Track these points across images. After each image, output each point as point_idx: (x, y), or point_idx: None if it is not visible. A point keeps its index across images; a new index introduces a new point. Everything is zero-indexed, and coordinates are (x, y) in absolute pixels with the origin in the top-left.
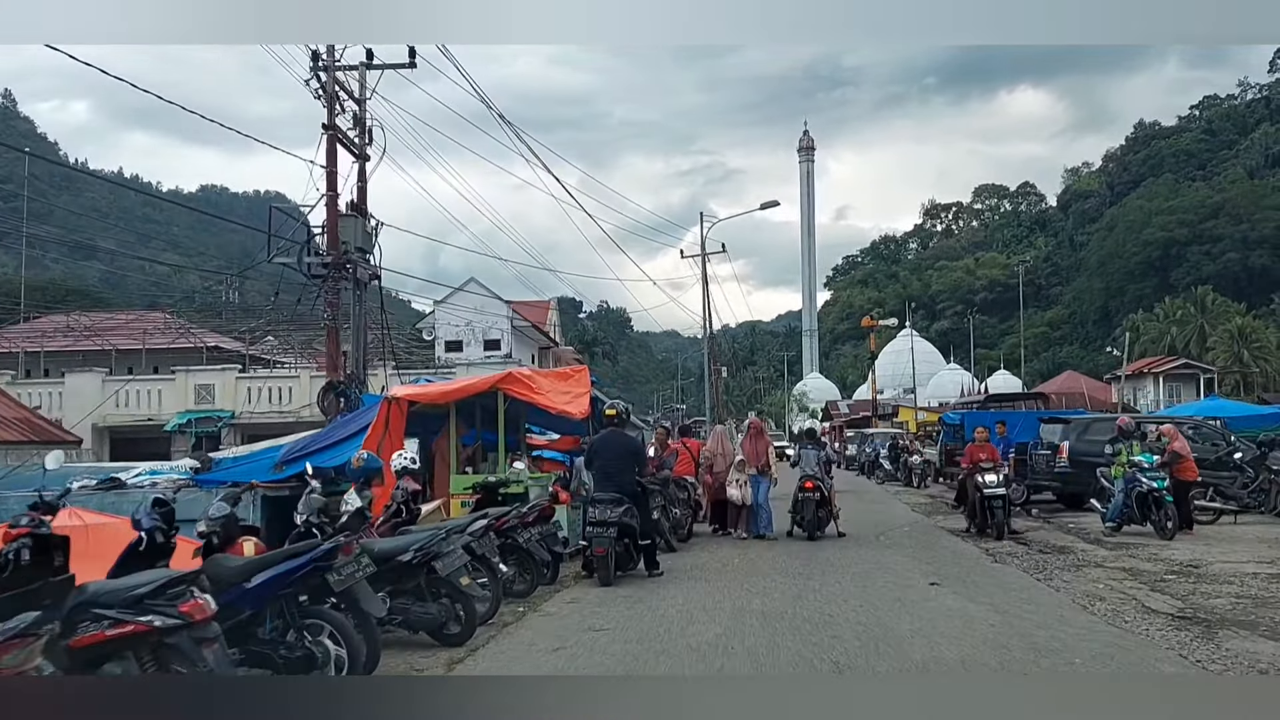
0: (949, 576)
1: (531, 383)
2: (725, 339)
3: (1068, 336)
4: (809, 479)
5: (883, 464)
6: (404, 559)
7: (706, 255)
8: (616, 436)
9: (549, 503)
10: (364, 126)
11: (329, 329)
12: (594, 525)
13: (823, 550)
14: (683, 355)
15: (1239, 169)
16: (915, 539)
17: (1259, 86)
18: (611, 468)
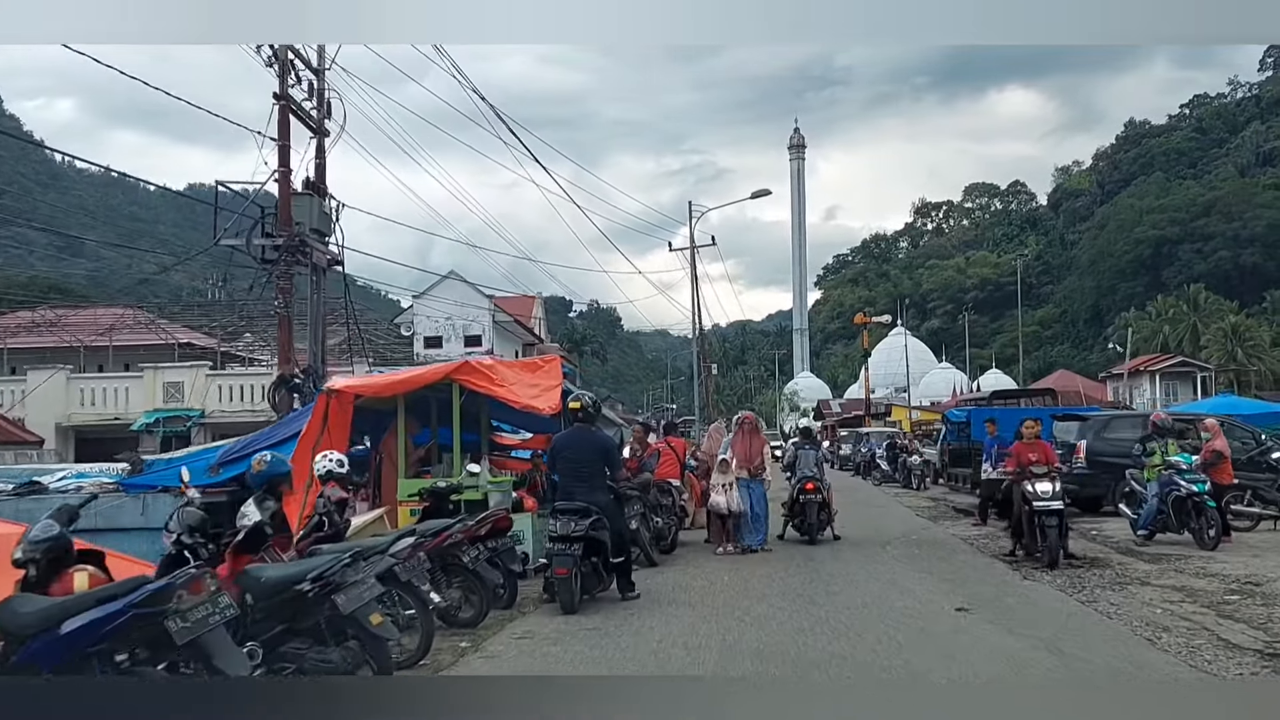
0: (976, 599)
1: (491, 373)
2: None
3: (1059, 335)
4: (810, 480)
5: (879, 464)
6: (301, 589)
7: (696, 248)
8: (583, 434)
9: (506, 512)
10: (322, 99)
11: (281, 318)
12: (555, 541)
13: (825, 565)
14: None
15: (1230, 167)
16: (926, 549)
17: (1249, 85)
18: (578, 471)
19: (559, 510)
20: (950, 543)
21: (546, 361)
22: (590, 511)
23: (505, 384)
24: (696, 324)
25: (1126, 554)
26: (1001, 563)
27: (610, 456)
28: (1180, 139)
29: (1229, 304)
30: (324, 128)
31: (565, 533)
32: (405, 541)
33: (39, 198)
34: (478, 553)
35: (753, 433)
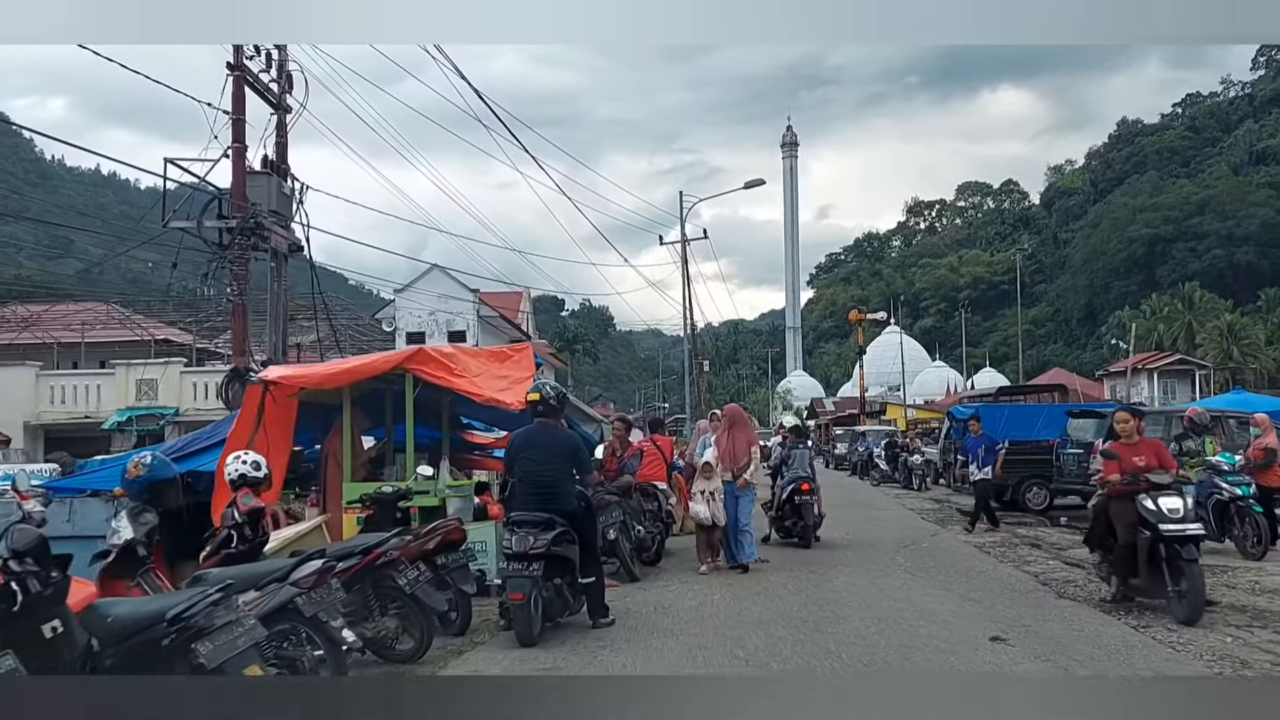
0: (1013, 626)
1: (451, 362)
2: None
3: (1052, 334)
4: (804, 480)
5: (878, 464)
6: (155, 634)
7: (687, 241)
8: (545, 432)
9: (458, 523)
10: (283, 71)
11: (235, 307)
12: (510, 559)
13: (829, 579)
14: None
15: (1223, 166)
16: (940, 560)
17: (1242, 84)
18: (539, 475)
19: (515, 523)
20: (964, 551)
21: (516, 351)
22: (553, 523)
23: (467, 375)
24: (687, 318)
25: None
26: (1028, 577)
27: (578, 456)
28: (1173, 137)
29: (1224, 303)
30: (284, 103)
31: (522, 549)
32: (311, 566)
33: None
34: (418, 573)
35: (739, 428)
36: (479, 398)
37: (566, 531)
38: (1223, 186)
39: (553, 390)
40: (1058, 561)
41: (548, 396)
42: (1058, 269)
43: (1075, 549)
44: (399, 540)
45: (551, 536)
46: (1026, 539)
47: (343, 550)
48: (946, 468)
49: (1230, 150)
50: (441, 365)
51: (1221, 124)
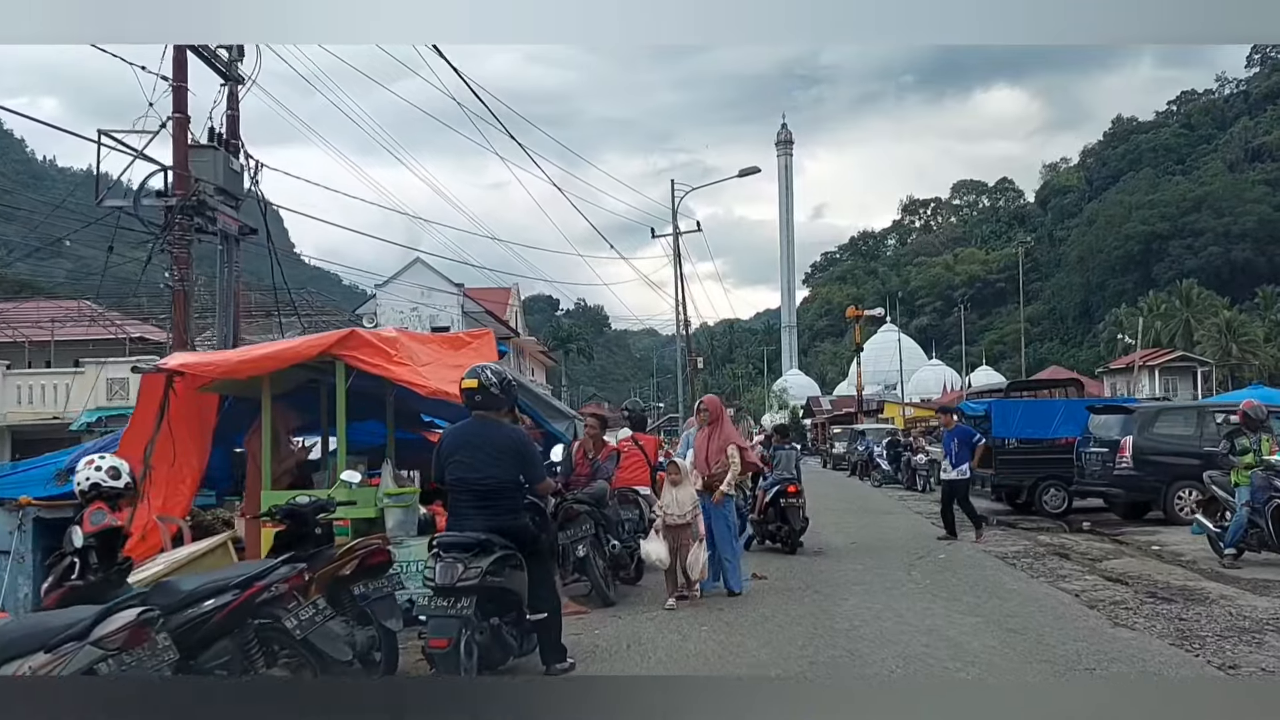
0: (1066, 663)
1: (390, 348)
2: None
3: (1047, 333)
4: (790, 482)
5: (879, 464)
6: None
7: (680, 234)
8: (485, 429)
9: (380, 542)
10: None
11: (176, 293)
12: (435, 593)
13: (836, 603)
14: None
15: (1219, 163)
16: (962, 575)
17: (1237, 82)
18: (475, 483)
19: (441, 546)
20: (987, 565)
21: (475, 337)
22: (490, 546)
23: (411, 363)
24: (680, 312)
25: (1216, 579)
26: (1069, 597)
27: (525, 458)
28: (1169, 135)
29: (1221, 300)
30: (235, 73)
31: (448, 581)
32: (122, 618)
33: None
34: (315, 612)
35: (717, 424)
36: (423, 390)
37: (510, 556)
38: (1218, 183)
39: (495, 377)
40: (1096, 577)
41: (487, 384)
42: (1053, 267)
43: (1111, 559)
44: (288, 569)
45: (488, 563)
46: (1052, 547)
47: (213, 585)
48: None
49: (1226, 147)
50: (378, 351)
51: (1217, 121)
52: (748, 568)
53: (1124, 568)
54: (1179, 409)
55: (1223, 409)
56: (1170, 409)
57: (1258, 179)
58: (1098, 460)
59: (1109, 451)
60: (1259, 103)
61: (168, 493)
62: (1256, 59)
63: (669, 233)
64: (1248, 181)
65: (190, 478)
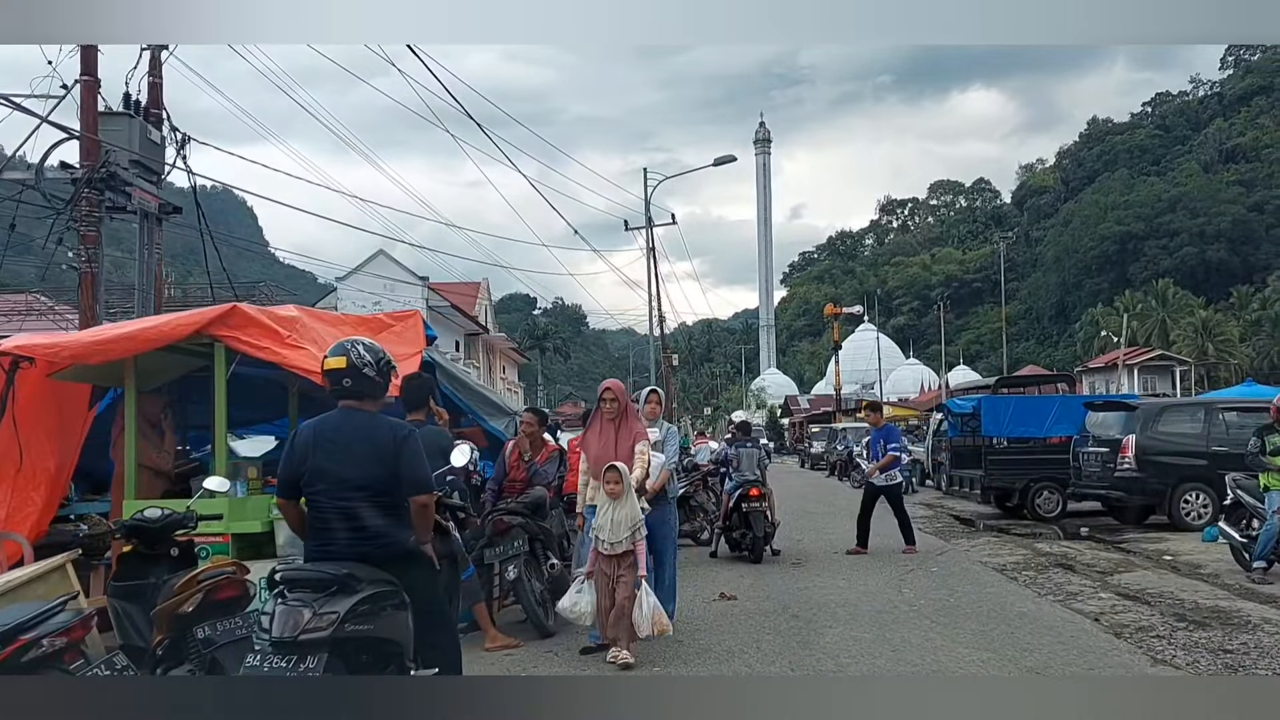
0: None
1: (282, 327)
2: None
3: (1023, 332)
4: (752, 484)
5: (859, 464)
6: None
7: (652, 226)
8: (350, 423)
9: (234, 569)
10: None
11: (83, 275)
12: (273, 648)
13: (820, 634)
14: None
15: (1193, 164)
16: (961, 593)
17: (1210, 83)
18: (338, 495)
19: (285, 582)
20: (986, 579)
21: (400, 319)
22: (353, 582)
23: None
24: (652, 306)
25: (1249, 597)
26: (1087, 621)
27: (404, 461)
28: (1143, 136)
29: (1196, 299)
30: None
31: (286, 633)
32: None
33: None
34: (114, 672)
35: (624, 418)
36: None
37: (386, 593)
38: (1193, 184)
39: (370, 355)
40: (1112, 595)
41: (359, 364)
42: (1029, 267)
43: (1122, 572)
44: (69, 617)
45: (349, 606)
46: (1053, 558)
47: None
48: (936, 468)
49: (1200, 148)
50: (267, 332)
51: (1191, 123)
52: (716, 584)
53: (1139, 583)
54: (1185, 405)
55: (1231, 405)
56: (1175, 405)
57: (1232, 180)
58: (1097, 461)
59: (1109, 451)
60: (1233, 104)
61: (14, 503)
62: (1230, 61)
63: (642, 225)
64: (1222, 182)
65: (46, 484)
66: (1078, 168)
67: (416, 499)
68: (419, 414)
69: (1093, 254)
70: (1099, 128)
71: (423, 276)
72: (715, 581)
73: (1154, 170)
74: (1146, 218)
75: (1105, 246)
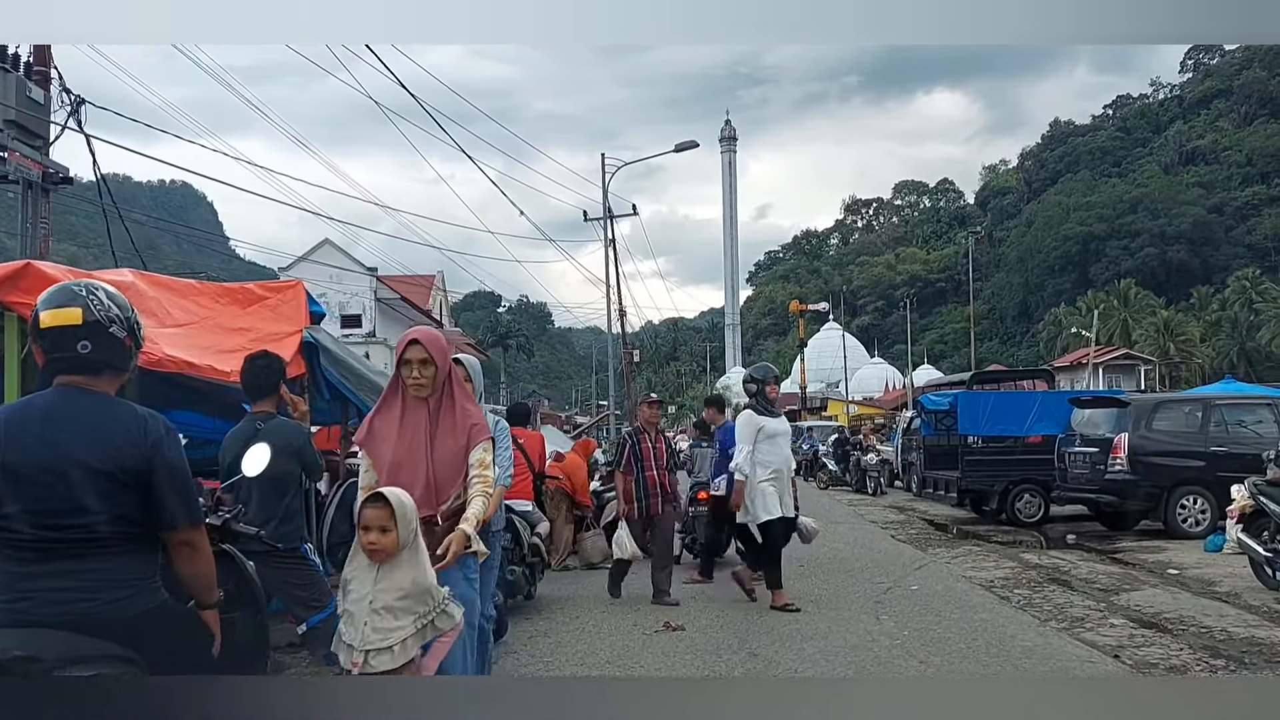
0: None
1: None
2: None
3: (987, 332)
4: (702, 488)
5: (826, 464)
6: None
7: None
8: (73, 407)
9: None
10: None
11: None
12: None
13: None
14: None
15: (1154, 165)
16: (950, 622)
17: (1170, 86)
18: (45, 513)
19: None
20: (978, 602)
21: (277, 289)
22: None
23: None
24: (611, 297)
25: (1273, 618)
26: (1108, 660)
27: (163, 471)
28: (1105, 138)
29: (1158, 300)
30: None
31: None
32: None
33: None
34: None
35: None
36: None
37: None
38: (1154, 186)
39: (115, 308)
40: (1123, 620)
41: (101, 319)
42: (993, 267)
43: (1126, 589)
44: None
45: None
46: (1045, 572)
47: None
48: (906, 468)
49: (1160, 150)
50: None
51: (1152, 125)
52: (660, 609)
53: (1151, 604)
54: (1181, 401)
55: (1230, 401)
56: (1171, 401)
57: (1192, 181)
58: (1084, 462)
59: (1099, 452)
60: (1193, 107)
61: None
62: (1190, 64)
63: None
64: (1182, 184)
65: None
66: (1040, 169)
67: (176, 534)
68: (267, 403)
69: (1055, 254)
70: (1061, 129)
71: (371, 267)
72: (662, 605)
73: (1115, 172)
74: (1108, 219)
75: (1068, 247)
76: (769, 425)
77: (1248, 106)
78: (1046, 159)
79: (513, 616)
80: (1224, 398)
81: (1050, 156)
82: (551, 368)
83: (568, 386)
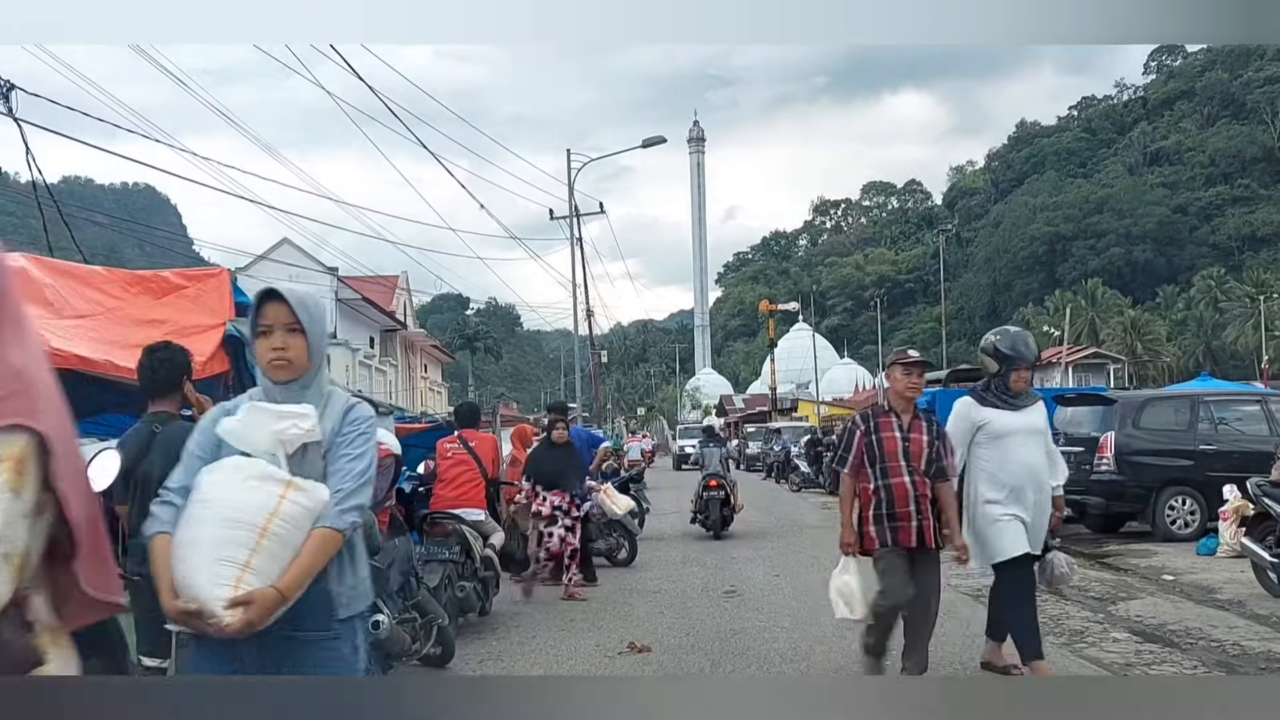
0: None
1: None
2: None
3: (955, 332)
4: (713, 477)
5: (798, 466)
6: None
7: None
8: None
9: None
10: None
11: None
12: None
13: None
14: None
15: (1119, 166)
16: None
17: (1135, 88)
18: None
19: None
20: (960, 608)
21: (197, 278)
22: None
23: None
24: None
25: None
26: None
27: None
28: (1070, 139)
29: (1124, 299)
30: None
31: None
32: None
33: None
34: None
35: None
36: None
37: None
38: (1119, 186)
39: None
40: (1125, 633)
41: None
42: (960, 268)
43: (1122, 598)
44: None
45: None
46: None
47: None
48: None
49: (1125, 151)
50: None
51: (1116, 126)
52: (627, 626)
53: (1152, 614)
54: (1169, 398)
55: (1219, 397)
56: (1158, 398)
57: (1156, 182)
58: (1069, 461)
59: (1084, 451)
60: (1156, 108)
61: None
62: (1153, 66)
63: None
64: (1147, 184)
65: None
66: (1007, 170)
67: None
68: (166, 403)
69: (1023, 254)
70: (1027, 130)
71: (331, 267)
72: (627, 622)
73: (1081, 172)
74: (1074, 219)
75: (1035, 247)
76: (995, 422)
77: (1210, 108)
78: (1013, 160)
79: (463, 636)
80: (1213, 394)
81: (1017, 157)
82: (520, 370)
83: (537, 389)
